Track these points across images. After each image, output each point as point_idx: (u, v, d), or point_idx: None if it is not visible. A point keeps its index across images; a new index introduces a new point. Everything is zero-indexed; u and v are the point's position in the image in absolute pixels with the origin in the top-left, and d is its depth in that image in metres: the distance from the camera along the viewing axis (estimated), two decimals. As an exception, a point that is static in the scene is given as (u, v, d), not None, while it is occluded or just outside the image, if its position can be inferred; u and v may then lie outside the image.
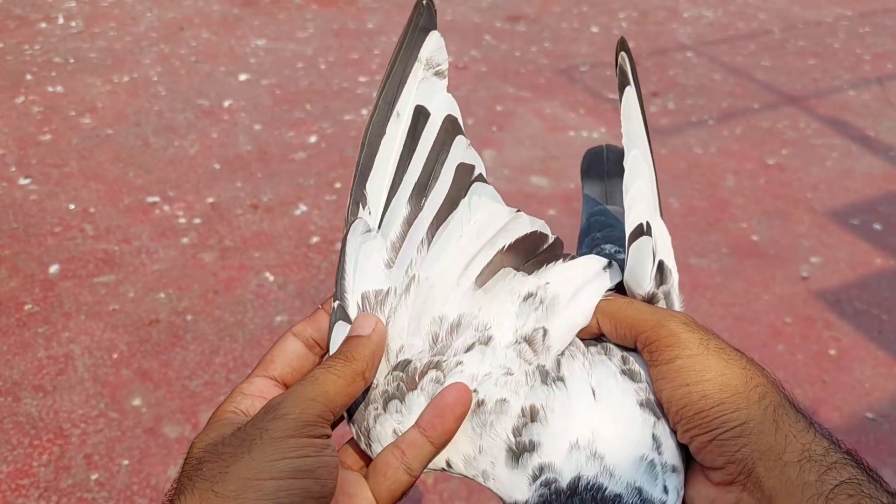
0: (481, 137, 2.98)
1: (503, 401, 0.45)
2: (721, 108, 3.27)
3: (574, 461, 0.43)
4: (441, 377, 0.46)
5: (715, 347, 0.44)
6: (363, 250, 0.50)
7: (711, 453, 0.42)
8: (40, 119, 3.00)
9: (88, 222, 2.45)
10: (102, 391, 1.86)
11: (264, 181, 2.68)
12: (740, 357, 0.44)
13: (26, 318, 2.07)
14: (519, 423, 0.45)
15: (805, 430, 0.41)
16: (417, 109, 0.52)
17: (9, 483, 1.64)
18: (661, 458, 0.44)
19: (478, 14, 4.16)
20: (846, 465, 0.40)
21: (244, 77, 3.38)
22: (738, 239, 2.48)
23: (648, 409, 0.45)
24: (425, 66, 0.53)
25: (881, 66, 3.71)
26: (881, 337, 2.10)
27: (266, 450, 0.40)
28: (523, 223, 0.51)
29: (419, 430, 0.45)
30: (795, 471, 0.39)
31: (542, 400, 0.45)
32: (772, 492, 0.40)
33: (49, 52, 3.54)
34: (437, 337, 0.48)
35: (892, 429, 1.83)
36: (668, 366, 0.44)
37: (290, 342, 0.50)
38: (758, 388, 0.42)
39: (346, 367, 0.45)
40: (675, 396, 0.43)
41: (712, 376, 0.43)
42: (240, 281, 2.23)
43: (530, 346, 0.47)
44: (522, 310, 0.48)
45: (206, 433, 0.44)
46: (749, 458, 0.41)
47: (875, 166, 2.91)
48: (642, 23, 4.12)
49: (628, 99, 0.56)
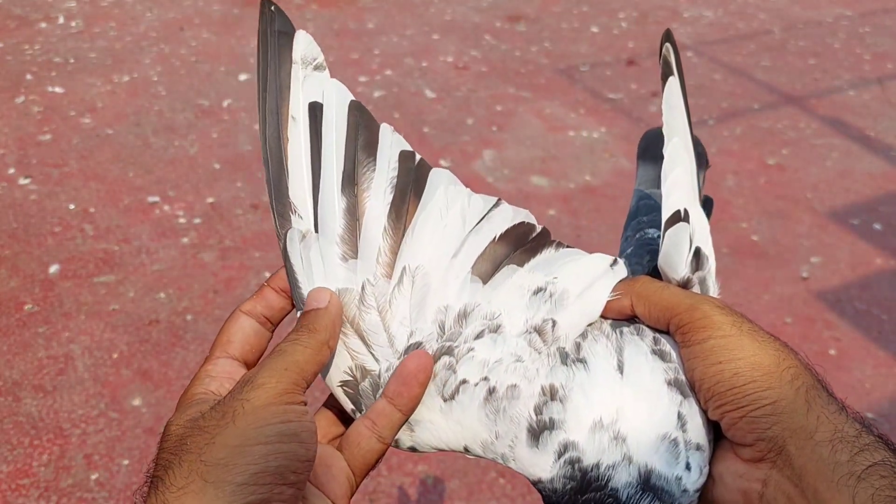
0: (481, 137, 2.98)
1: (514, 386, 0.46)
2: (721, 108, 3.27)
3: (597, 442, 0.44)
4: (454, 363, 0.47)
5: (748, 330, 0.45)
6: (311, 254, 0.49)
7: (742, 430, 0.42)
8: (40, 119, 3.00)
9: (88, 222, 2.45)
10: (102, 391, 1.86)
11: (264, 181, 2.68)
12: (774, 340, 0.45)
13: (26, 318, 2.07)
14: (539, 402, 0.46)
15: (837, 413, 0.41)
16: (311, 106, 0.51)
17: (9, 483, 1.64)
18: (686, 435, 0.44)
19: (478, 14, 4.16)
20: (879, 448, 0.40)
21: (244, 77, 3.38)
22: (738, 239, 2.48)
23: (676, 387, 0.46)
24: (302, 65, 0.52)
25: (881, 66, 3.71)
26: (881, 337, 2.10)
27: (249, 418, 0.40)
28: (506, 212, 0.52)
29: (387, 400, 0.47)
30: (827, 450, 0.40)
31: (561, 379, 0.46)
32: (802, 470, 0.40)
33: (49, 52, 3.54)
34: (443, 324, 0.48)
35: (892, 429, 1.83)
36: (700, 346, 0.45)
37: (243, 320, 0.50)
38: (790, 368, 0.43)
39: (312, 337, 0.45)
40: (707, 374, 0.44)
41: (745, 355, 0.43)
42: (240, 281, 2.23)
43: (540, 335, 0.48)
44: (532, 302, 0.49)
45: (180, 414, 0.44)
46: (780, 436, 0.41)
47: (875, 166, 2.91)
48: (642, 23, 4.12)
49: (671, 88, 0.57)
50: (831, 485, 0.39)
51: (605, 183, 2.72)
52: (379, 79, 3.41)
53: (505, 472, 1.67)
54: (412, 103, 3.22)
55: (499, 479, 1.67)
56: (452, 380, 0.47)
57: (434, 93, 3.31)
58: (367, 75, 3.44)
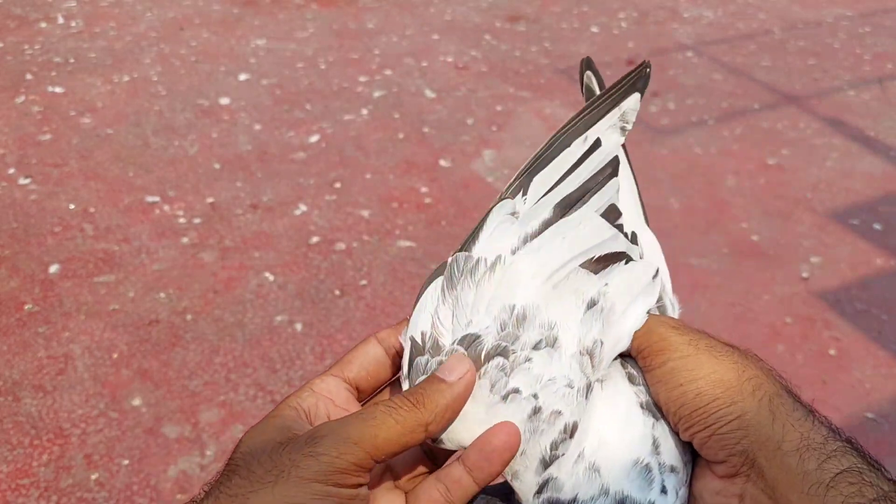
0: (481, 137, 2.98)
1: (558, 413, 0.45)
2: (721, 108, 3.27)
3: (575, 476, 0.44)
4: (507, 366, 0.46)
5: (705, 346, 0.45)
6: (500, 227, 0.51)
7: (713, 448, 0.43)
8: (40, 119, 3.00)
9: (88, 222, 2.45)
10: (102, 391, 1.86)
11: (264, 181, 2.68)
12: (731, 352, 0.45)
13: (26, 318, 2.07)
14: (558, 438, 0.45)
15: (803, 419, 0.41)
16: (596, 140, 0.56)
17: (9, 483, 1.64)
18: (660, 458, 0.45)
19: (478, 14, 4.16)
20: (846, 454, 0.40)
21: (244, 77, 3.38)
22: (738, 239, 2.48)
23: (648, 411, 0.46)
24: (620, 116, 0.57)
25: (881, 66, 3.71)
26: (881, 337, 2.10)
27: (290, 489, 0.39)
28: (620, 242, 0.52)
29: (465, 469, 0.45)
30: (795, 459, 0.40)
31: (578, 415, 0.46)
32: (774, 481, 0.40)
33: (49, 52, 3.54)
34: (504, 324, 0.47)
35: (892, 429, 1.83)
36: (660, 369, 0.45)
37: (371, 346, 0.49)
38: (751, 380, 0.43)
39: (411, 413, 0.42)
40: (671, 398, 0.44)
41: (704, 374, 0.44)
42: (240, 281, 2.23)
43: (591, 359, 0.47)
44: (587, 318, 0.48)
45: (258, 430, 0.43)
46: (749, 449, 0.41)
47: (875, 166, 2.91)
48: (642, 23, 4.12)
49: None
50: (802, 495, 0.39)
51: (605, 183, 2.72)
52: (379, 79, 3.41)
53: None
54: (412, 103, 3.22)
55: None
56: (503, 383, 0.46)
57: (434, 93, 3.31)
58: (367, 75, 3.44)
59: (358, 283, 2.23)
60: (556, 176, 0.54)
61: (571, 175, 0.54)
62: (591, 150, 0.56)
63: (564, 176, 0.54)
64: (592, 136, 0.56)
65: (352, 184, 2.67)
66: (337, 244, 2.39)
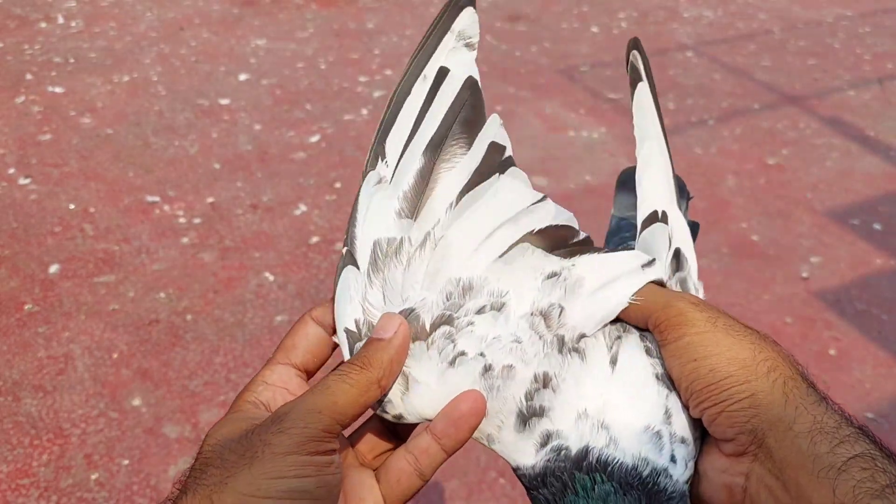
0: (481, 137, 2.98)
1: (510, 367, 0.46)
2: (721, 108, 3.27)
3: (581, 430, 0.44)
4: (453, 333, 0.46)
5: (724, 325, 0.45)
6: (375, 199, 0.50)
7: (722, 425, 0.42)
8: (40, 119, 3.00)
9: (88, 222, 2.45)
10: (102, 391, 1.86)
11: (264, 181, 2.68)
12: (750, 333, 0.45)
13: (26, 318, 2.07)
14: (531, 388, 0.45)
15: (816, 404, 0.41)
16: (440, 70, 0.54)
17: (9, 483, 1.64)
18: (671, 428, 0.44)
19: (478, 14, 4.15)
20: (859, 440, 0.39)
21: (244, 77, 3.38)
22: (738, 239, 2.48)
23: (663, 382, 0.46)
24: (457, 37, 0.54)
25: (881, 66, 3.71)
26: (881, 337, 2.10)
27: (266, 466, 0.39)
28: (550, 210, 0.52)
29: (433, 438, 0.46)
30: (806, 441, 0.40)
31: (555, 368, 0.46)
32: (783, 462, 0.40)
33: (49, 52, 3.54)
34: (450, 295, 0.48)
35: (892, 429, 1.83)
36: (676, 343, 0.45)
37: (310, 327, 0.49)
38: (767, 361, 0.43)
39: (361, 374, 0.43)
40: (684, 372, 0.44)
41: (720, 351, 0.43)
42: (240, 281, 2.23)
43: (545, 319, 0.47)
44: (544, 286, 0.48)
45: (222, 425, 0.43)
46: (759, 428, 0.41)
47: (875, 166, 2.91)
48: (642, 23, 4.12)
49: (640, 94, 0.57)
50: (812, 477, 0.39)
51: (605, 183, 2.72)
52: (379, 79, 3.41)
53: (505, 472, 1.67)
54: (412, 103, 3.22)
55: (499, 479, 1.67)
56: (450, 349, 0.46)
57: (434, 93, 3.31)
58: (367, 75, 3.44)
59: (358, 283, 2.23)
60: (408, 126, 0.52)
61: (427, 116, 0.52)
62: (438, 82, 0.53)
63: (419, 121, 0.52)
64: (431, 71, 0.54)
65: (352, 184, 2.67)
66: (337, 244, 2.39)
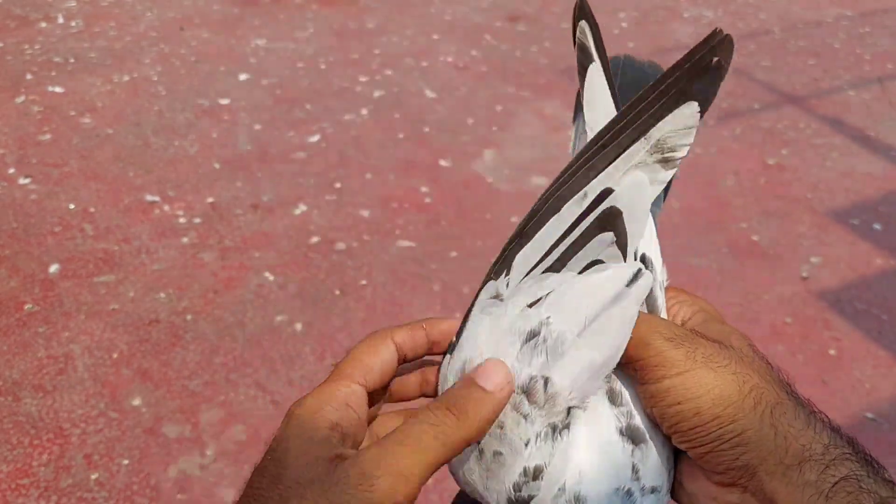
0: (481, 137, 2.98)
1: (498, 453, 0.44)
2: (721, 108, 3.27)
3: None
4: None
5: (702, 358, 0.43)
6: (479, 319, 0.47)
7: (710, 462, 0.42)
8: (40, 119, 3.00)
9: (88, 222, 2.45)
10: (102, 391, 1.86)
11: (264, 181, 2.68)
12: (729, 360, 0.43)
13: (26, 318, 2.07)
14: (520, 481, 0.43)
15: (805, 428, 0.41)
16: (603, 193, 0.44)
17: (9, 483, 1.64)
18: (640, 483, 0.43)
19: (478, 14, 4.16)
20: (845, 461, 0.40)
21: (244, 77, 3.38)
22: (738, 239, 2.48)
23: (627, 436, 0.44)
24: (652, 148, 0.43)
25: (881, 66, 3.71)
26: (881, 337, 2.10)
27: None
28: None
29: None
30: (797, 472, 0.40)
31: (546, 458, 0.43)
32: (774, 494, 0.40)
33: (49, 51, 3.54)
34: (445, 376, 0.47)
35: (892, 429, 1.83)
36: (656, 386, 0.43)
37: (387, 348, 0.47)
38: (752, 392, 0.42)
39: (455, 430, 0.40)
40: (667, 414, 0.43)
41: (704, 392, 0.42)
42: (240, 281, 2.23)
43: (528, 397, 0.43)
44: (524, 354, 0.43)
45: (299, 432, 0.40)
46: (750, 463, 0.41)
47: (875, 166, 2.91)
48: (642, 23, 4.12)
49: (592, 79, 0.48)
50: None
51: (605, 183, 2.72)
52: (379, 79, 3.41)
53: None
54: (412, 103, 3.22)
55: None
56: None
57: (434, 93, 3.31)
58: (367, 75, 3.44)
59: (358, 283, 2.23)
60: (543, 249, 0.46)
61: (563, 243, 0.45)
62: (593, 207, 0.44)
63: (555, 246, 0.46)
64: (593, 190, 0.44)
65: (352, 184, 2.67)
66: (337, 244, 2.39)
